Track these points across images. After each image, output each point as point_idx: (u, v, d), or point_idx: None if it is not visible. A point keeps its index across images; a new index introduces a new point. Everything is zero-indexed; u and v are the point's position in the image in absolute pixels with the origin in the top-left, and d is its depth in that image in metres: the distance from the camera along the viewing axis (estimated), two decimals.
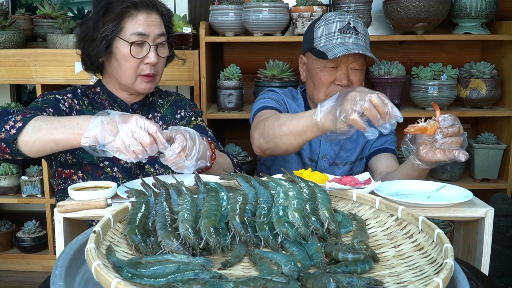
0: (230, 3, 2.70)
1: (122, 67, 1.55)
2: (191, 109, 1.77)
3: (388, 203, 1.05)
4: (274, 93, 1.85)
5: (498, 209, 2.32)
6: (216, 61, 2.96)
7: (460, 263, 0.92)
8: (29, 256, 2.93)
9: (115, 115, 1.22)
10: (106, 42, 1.52)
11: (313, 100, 1.81)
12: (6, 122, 1.29)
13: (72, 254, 0.86)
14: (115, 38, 1.53)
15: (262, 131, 1.52)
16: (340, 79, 1.70)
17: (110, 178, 1.55)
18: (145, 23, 1.53)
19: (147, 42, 1.54)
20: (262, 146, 1.53)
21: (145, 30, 1.53)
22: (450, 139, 1.31)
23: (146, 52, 1.54)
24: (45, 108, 1.50)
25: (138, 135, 1.19)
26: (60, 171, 1.58)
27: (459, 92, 2.71)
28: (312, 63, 1.75)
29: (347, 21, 1.69)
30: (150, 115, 1.69)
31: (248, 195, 1.05)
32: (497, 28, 2.75)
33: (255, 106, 1.79)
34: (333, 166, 1.85)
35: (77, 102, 1.61)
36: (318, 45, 1.71)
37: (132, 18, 1.53)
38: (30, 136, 1.28)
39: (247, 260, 0.90)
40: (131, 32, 1.52)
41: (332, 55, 1.61)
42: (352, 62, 1.70)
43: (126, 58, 1.54)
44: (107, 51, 1.55)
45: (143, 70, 1.56)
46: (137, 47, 1.53)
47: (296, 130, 1.40)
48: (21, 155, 1.32)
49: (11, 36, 2.61)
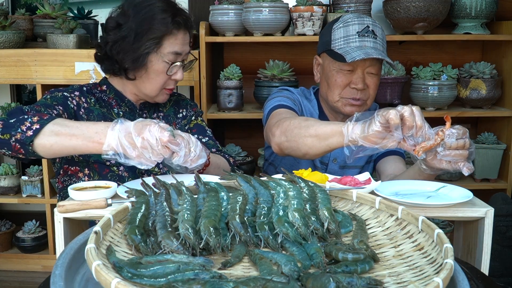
0: (230, 3, 2.70)
1: (152, 80, 1.57)
2: (192, 109, 1.79)
3: (388, 203, 1.05)
4: (289, 92, 1.83)
5: (498, 209, 2.32)
6: (216, 61, 2.96)
7: (460, 263, 0.92)
8: (29, 256, 2.93)
9: (129, 126, 1.22)
10: (144, 56, 1.53)
11: (327, 101, 1.80)
12: (22, 123, 1.29)
13: (72, 254, 0.86)
14: (151, 53, 1.53)
15: (286, 129, 1.48)
16: (356, 82, 1.68)
17: (117, 176, 1.56)
18: (182, 42, 1.57)
19: (179, 61, 1.57)
20: (282, 144, 1.49)
21: (181, 49, 1.57)
22: (453, 151, 1.28)
23: (175, 69, 1.58)
24: (54, 105, 1.49)
25: (156, 148, 1.21)
26: (66, 168, 1.59)
27: (459, 92, 2.71)
28: (328, 64, 1.74)
29: (366, 24, 1.68)
30: (155, 114, 1.72)
31: (248, 195, 1.05)
32: (497, 28, 2.75)
33: (270, 104, 1.76)
34: (344, 169, 1.84)
35: (85, 100, 1.61)
36: (335, 47, 1.69)
37: (172, 36, 1.54)
38: (47, 139, 1.28)
39: (247, 260, 0.90)
40: (169, 50, 1.54)
41: (351, 58, 1.59)
42: (369, 66, 1.69)
43: (158, 73, 1.56)
44: (141, 63, 1.55)
45: (169, 84, 1.61)
46: (168, 64, 1.56)
47: (323, 133, 1.36)
48: (35, 156, 1.32)
49: (11, 36, 2.61)
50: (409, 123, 1.19)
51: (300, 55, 2.90)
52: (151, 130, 1.21)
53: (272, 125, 1.58)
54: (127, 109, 1.65)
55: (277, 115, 1.64)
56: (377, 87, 1.74)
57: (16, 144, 1.28)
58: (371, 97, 1.74)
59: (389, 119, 1.19)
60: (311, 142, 1.40)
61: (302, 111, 1.81)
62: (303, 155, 1.45)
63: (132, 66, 1.55)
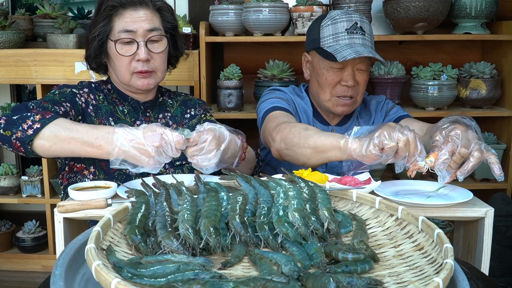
0: (230, 3, 2.70)
1: (116, 65, 1.57)
2: (201, 107, 1.79)
3: (388, 203, 1.05)
4: (281, 92, 1.83)
5: (498, 209, 2.32)
6: (216, 61, 2.96)
7: (460, 263, 0.92)
8: (29, 256, 2.93)
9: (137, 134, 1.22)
10: (98, 42, 1.54)
11: (318, 100, 1.80)
12: (24, 121, 1.29)
13: (72, 254, 0.86)
14: (106, 38, 1.55)
15: (286, 136, 1.48)
16: (346, 80, 1.69)
17: (124, 175, 1.56)
18: (132, 20, 1.53)
19: (134, 40, 1.53)
20: (282, 151, 1.50)
21: (132, 27, 1.52)
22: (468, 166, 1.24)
23: (135, 49, 1.54)
24: (62, 102, 1.49)
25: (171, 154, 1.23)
26: (72, 165, 1.58)
27: (459, 92, 2.71)
28: (317, 62, 1.74)
29: (354, 20, 1.68)
30: (161, 114, 1.70)
31: (248, 195, 1.05)
32: (497, 28, 2.75)
33: (263, 106, 1.76)
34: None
35: (93, 97, 1.62)
36: (324, 45, 1.70)
37: (119, 16, 1.54)
38: (47, 140, 1.28)
39: (247, 260, 0.90)
40: (118, 30, 1.53)
41: (341, 57, 1.60)
42: (358, 63, 1.69)
43: (117, 57, 1.55)
44: (101, 51, 1.57)
45: (136, 67, 1.55)
46: (126, 45, 1.54)
47: (322, 145, 1.37)
48: (35, 155, 1.32)
49: (11, 36, 2.61)
50: (401, 153, 1.22)
51: (300, 55, 2.85)
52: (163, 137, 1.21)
53: (271, 130, 1.58)
54: (131, 108, 1.65)
55: (274, 119, 1.64)
56: (366, 83, 1.76)
57: (16, 142, 1.28)
58: (360, 93, 1.75)
59: (384, 146, 1.22)
60: (310, 153, 1.41)
61: (296, 110, 1.81)
62: (302, 164, 1.46)
63: (96, 55, 1.58)
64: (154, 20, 1.57)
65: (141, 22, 1.53)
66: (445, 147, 1.23)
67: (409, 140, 1.21)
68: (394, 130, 1.22)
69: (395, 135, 1.21)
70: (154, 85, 1.62)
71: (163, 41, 1.59)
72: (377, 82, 2.65)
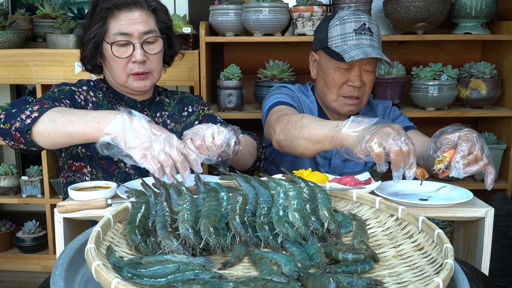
0: (230, 3, 2.70)
1: (112, 67, 1.57)
2: (198, 103, 1.78)
3: (388, 203, 1.05)
4: (287, 89, 1.84)
5: (498, 209, 2.32)
6: (216, 61, 2.96)
7: (460, 263, 0.92)
8: (29, 256, 2.93)
9: (141, 118, 1.20)
10: (93, 44, 1.53)
11: (324, 100, 1.80)
12: (23, 112, 1.29)
13: (72, 254, 0.86)
14: (101, 40, 1.54)
15: (284, 127, 1.49)
16: (353, 80, 1.69)
17: (123, 173, 1.56)
18: (128, 22, 1.52)
19: (130, 42, 1.53)
20: (281, 142, 1.51)
21: (128, 29, 1.52)
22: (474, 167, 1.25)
23: (131, 51, 1.53)
24: (61, 99, 1.49)
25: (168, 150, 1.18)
26: (71, 164, 1.58)
27: (459, 92, 2.71)
28: (325, 62, 1.74)
29: (363, 21, 1.69)
30: (158, 113, 1.70)
31: (248, 195, 1.05)
32: (497, 28, 2.75)
33: (269, 101, 1.76)
34: (346, 162, 1.84)
35: (93, 94, 1.62)
36: (332, 45, 1.70)
37: (115, 18, 1.53)
38: (45, 127, 1.27)
39: (247, 260, 0.90)
40: (114, 32, 1.52)
41: (349, 57, 1.60)
42: (366, 64, 1.70)
43: (113, 59, 1.54)
44: (97, 52, 1.56)
45: (132, 69, 1.55)
46: (122, 47, 1.53)
47: (315, 136, 1.37)
48: (35, 145, 1.31)
49: (11, 36, 2.61)
50: (395, 162, 1.18)
51: (300, 55, 2.89)
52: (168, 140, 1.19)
53: (273, 122, 1.59)
54: (128, 107, 1.65)
55: (277, 112, 1.64)
56: (373, 84, 1.76)
57: (16, 133, 1.28)
58: (366, 94, 1.76)
59: (373, 155, 1.18)
60: (305, 143, 1.41)
61: (301, 107, 1.82)
62: (300, 154, 1.48)
63: (91, 57, 1.57)
64: (149, 21, 1.56)
65: (137, 25, 1.52)
66: (466, 144, 1.24)
67: (402, 151, 1.16)
68: (388, 137, 1.17)
69: (388, 143, 1.16)
70: (150, 86, 1.62)
71: (158, 42, 1.59)
72: (378, 82, 2.65)
